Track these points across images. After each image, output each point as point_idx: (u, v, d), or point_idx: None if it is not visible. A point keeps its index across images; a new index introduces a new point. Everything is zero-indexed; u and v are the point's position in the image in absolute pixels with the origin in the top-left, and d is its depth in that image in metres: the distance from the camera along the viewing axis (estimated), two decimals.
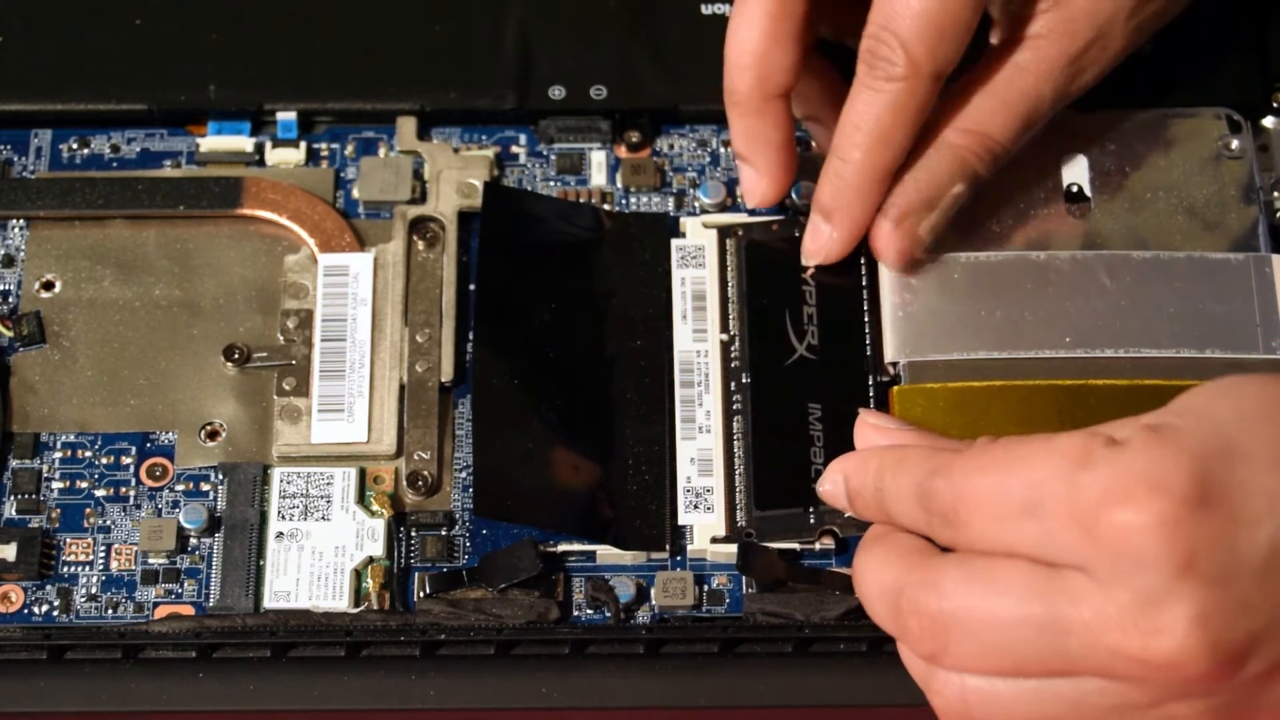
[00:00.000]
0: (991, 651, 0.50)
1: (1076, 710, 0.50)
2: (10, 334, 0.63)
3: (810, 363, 0.62)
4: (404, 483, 0.61)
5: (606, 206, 0.66)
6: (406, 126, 0.67)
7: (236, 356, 0.63)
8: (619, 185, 0.66)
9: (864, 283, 0.63)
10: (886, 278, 0.62)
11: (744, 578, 0.60)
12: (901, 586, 0.51)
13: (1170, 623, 0.47)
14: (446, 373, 0.62)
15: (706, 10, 0.68)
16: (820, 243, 0.62)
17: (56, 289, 0.64)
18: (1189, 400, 0.50)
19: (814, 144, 0.66)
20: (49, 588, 0.59)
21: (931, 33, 0.58)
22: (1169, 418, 0.49)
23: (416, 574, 0.60)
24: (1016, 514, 0.49)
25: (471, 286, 0.64)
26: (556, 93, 0.67)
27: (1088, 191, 0.64)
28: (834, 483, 0.56)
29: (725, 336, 0.63)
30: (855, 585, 0.54)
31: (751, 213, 0.65)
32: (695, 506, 0.60)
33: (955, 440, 0.55)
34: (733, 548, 0.59)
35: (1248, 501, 0.48)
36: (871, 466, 0.54)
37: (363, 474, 0.61)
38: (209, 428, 0.62)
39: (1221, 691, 0.48)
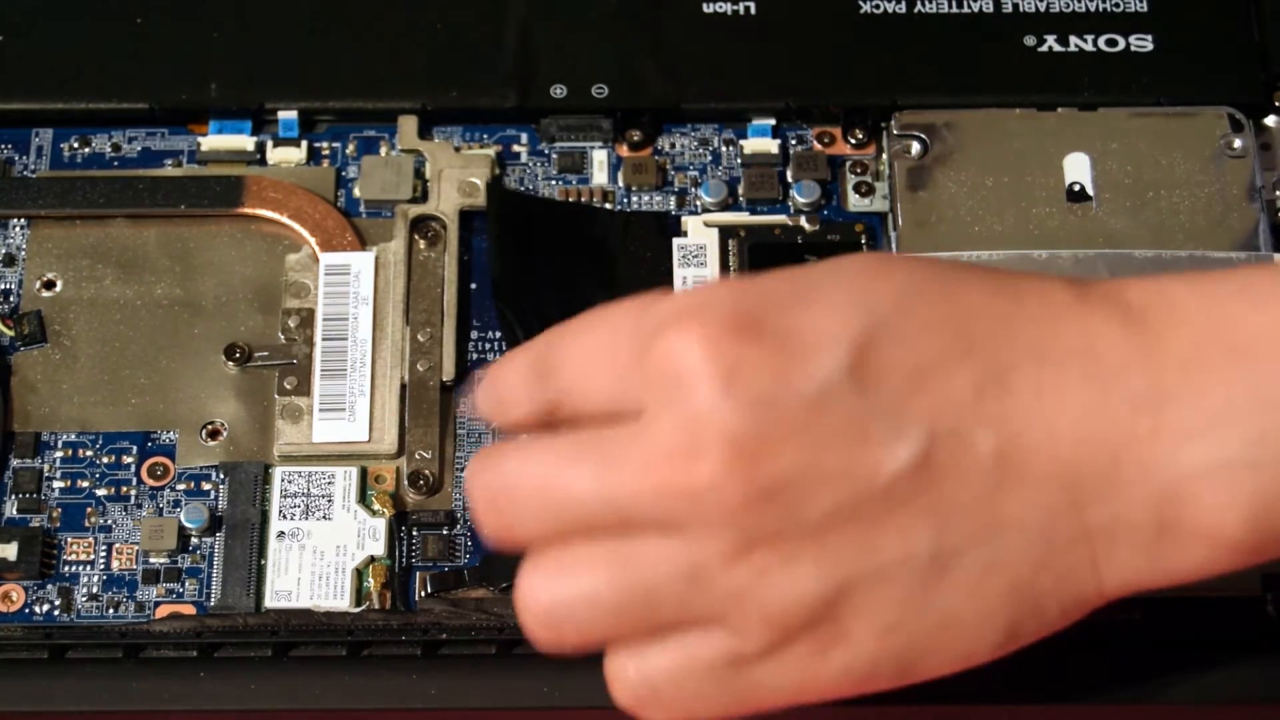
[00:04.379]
0: (552, 515, 0.49)
1: (643, 570, 0.48)
2: (11, 333, 0.63)
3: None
4: (405, 482, 0.61)
5: (608, 205, 0.66)
6: (408, 125, 0.67)
7: (238, 356, 0.63)
8: (620, 184, 0.66)
9: None
10: None
11: None
12: (474, 473, 0.50)
13: (708, 442, 0.46)
14: (448, 371, 0.62)
15: (708, 9, 0.68)
16: None
17: (57, 288, 0.64)
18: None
19: (815, 145, 0.66)
20: (50, 587, 0.59)
21: None
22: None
23: (418, 573, 0.60)
24: (600, 366, 0.49)
25: (473, 285, 0.64)
26: (558, 91, 0.66)
27: (1090, 190, 0.64)
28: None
29: None
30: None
31: (753, 212, 0.65)
32: None
33: None
34: None
35: (802, 337, 0.47)
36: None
37: (364, 473, 0.61)
38: (210, 427, 0.62)
39: (762, 522, 0.47)
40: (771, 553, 0.47)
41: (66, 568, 0.60)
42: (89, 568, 0.60)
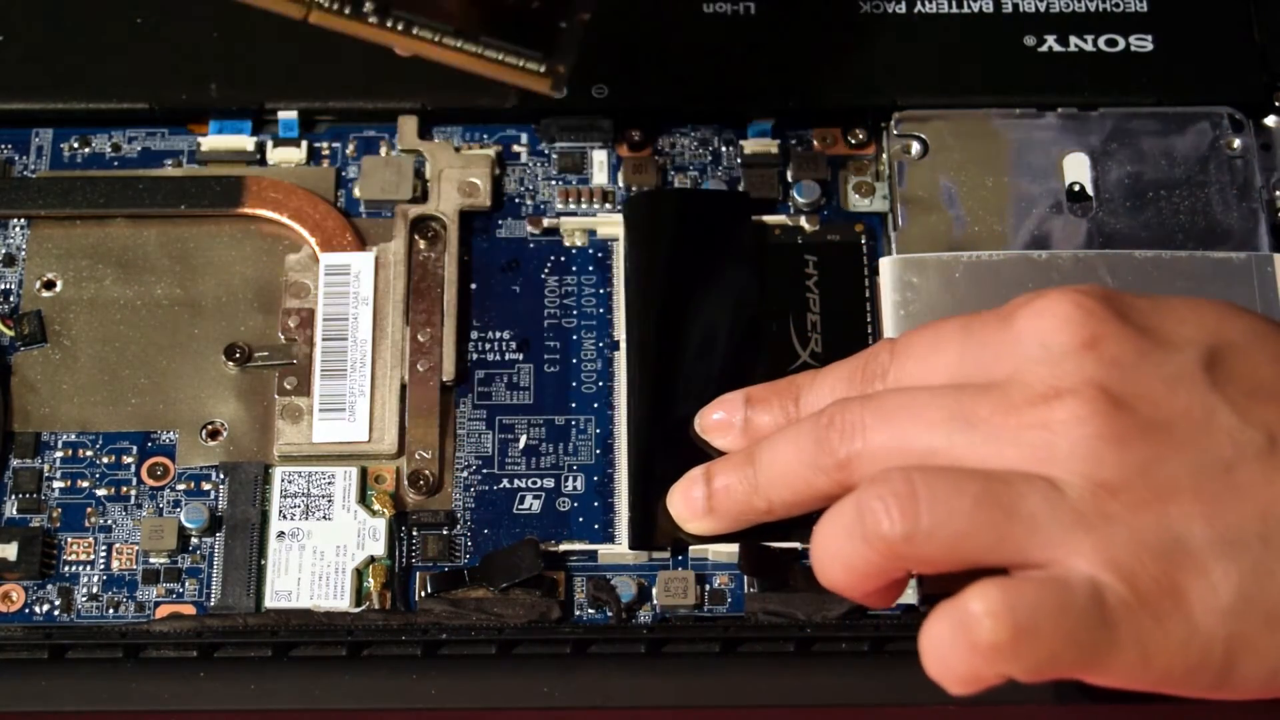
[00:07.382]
0: (907, 434, 0.51)
1: (1005, 494, 0.49)
2: (11, 333, 0.63)
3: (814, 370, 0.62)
4: (405, 482, 0.61)
5: (609, 206, 0.66)
6: (408, 125, 0.67)
7: (238, 356, 0.63)
8: (620, 184, 0.66)
9: (869, 293, 0.63)
10: (887, 276, 0.62)
11: (745, 577, 0.60)
12: (817, 424, 0.53)
13: (1070, 385, 0.49)
14: (448, 372, 0.62)
15: (708, 9, 0.68)
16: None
17: (57, 288, 0.64)
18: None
19: (815, 145, 0.66)
20: (50, 587, 0.59)
21: None
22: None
23: (418, 573, 0.60)
24: (945, 345, 0.53)
25: (473, 285, 0.64)
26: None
27: (1090, 190, 0.64)
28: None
29: None
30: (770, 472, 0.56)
31: (754, 211, 0.65)
32: None
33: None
34: (734, 547, 0.59)
35: (1163, 333, 0.51)
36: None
37: (364, 473, 0.61)
38: (210, 427, 0.62)
39: (1111, 469, 0.49)
40: (1117, 499, 0.49)
41: (66, 568, 0.60)
42: (89, 568, 0.60)
